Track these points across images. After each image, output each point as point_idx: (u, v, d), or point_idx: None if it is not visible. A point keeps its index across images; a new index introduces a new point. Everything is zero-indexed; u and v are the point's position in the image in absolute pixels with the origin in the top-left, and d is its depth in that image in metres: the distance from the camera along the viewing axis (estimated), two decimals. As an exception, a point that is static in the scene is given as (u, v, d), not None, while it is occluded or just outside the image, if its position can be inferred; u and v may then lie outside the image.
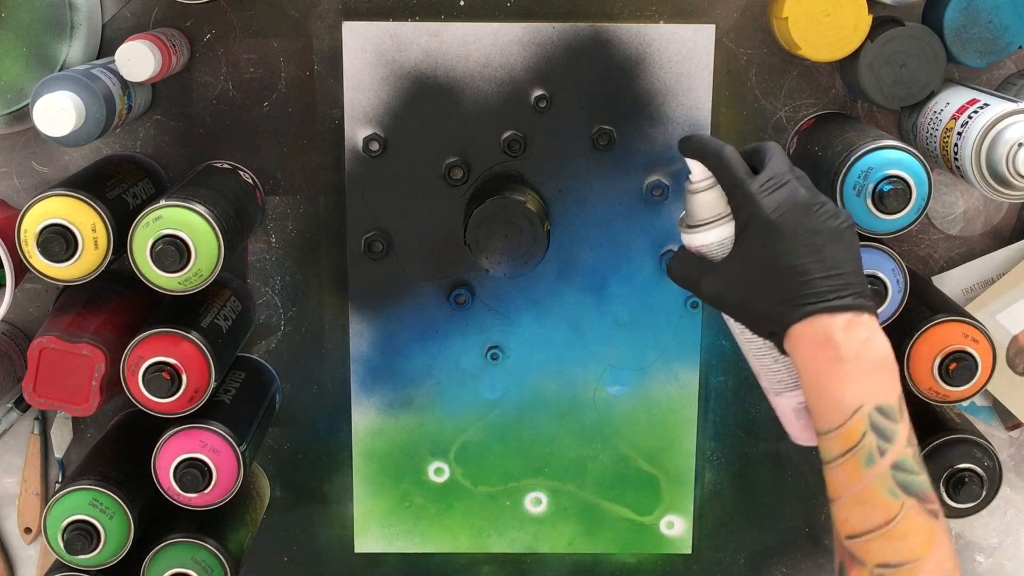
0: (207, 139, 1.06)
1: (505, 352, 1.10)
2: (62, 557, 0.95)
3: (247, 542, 1.04)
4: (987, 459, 0.98)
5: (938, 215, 1.09)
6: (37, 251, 0.89)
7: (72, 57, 1.00)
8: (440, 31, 1.03)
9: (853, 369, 0.75)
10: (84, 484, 0.95)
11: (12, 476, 1.13)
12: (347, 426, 1.12)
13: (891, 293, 0.94)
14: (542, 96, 1.04)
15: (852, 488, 0.74)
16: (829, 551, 1.16)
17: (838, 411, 0.75)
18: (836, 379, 0.75)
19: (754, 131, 1.06)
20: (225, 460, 0.95)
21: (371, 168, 1.06)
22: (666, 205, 1.07)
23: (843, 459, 0.74)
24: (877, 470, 0.73)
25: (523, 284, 1.09)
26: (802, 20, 0.97)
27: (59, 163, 1.06)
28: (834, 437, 0.75)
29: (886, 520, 0.73)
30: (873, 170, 0.91)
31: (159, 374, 0.92)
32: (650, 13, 1.03)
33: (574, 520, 1.15)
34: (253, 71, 1.05)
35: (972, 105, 0.93)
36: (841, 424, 0.75)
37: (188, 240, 0.89)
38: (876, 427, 0.74)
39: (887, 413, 0.75)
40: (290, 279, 1.09)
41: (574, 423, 1.12)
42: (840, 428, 0.75)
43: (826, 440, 0.76)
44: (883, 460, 0.73)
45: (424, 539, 1.15)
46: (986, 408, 1.12)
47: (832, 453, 0.75)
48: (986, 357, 0.95)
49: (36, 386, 0.94)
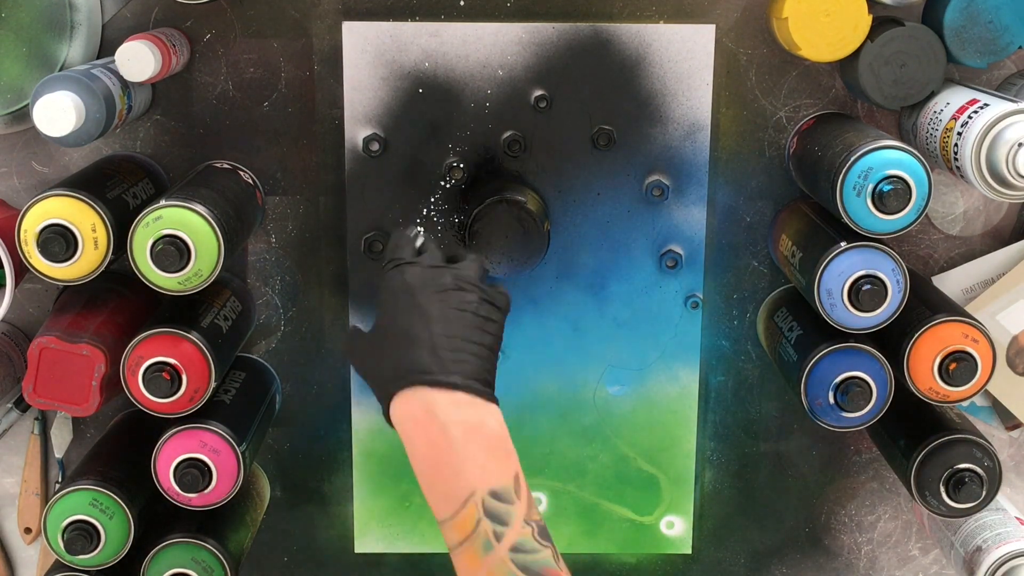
0: (207, 139, 1.06)
1: (505, 352, 1.10)
2: (62, 557, 0.95)
3: (247, 542, 1.04)
4: (987, 459, 0.98)
5: (938, 215, 1.09)
6: (37, 251, 0.89)
7: (72, 57, 1.00)
8: (440, 31, 1.03)
9: (462, 454, 0.73)
10: (84, 484, 0.94)
11: (12, 476, 1.13)
12: (347, 426, 1.12)
13: (891, 293, 0.94)
14: (542, 96, 1.04)
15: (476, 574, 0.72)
16: (829, 551, 1.16)
17: (449, 500, 0.73)
18: (445, 466, 0.74)
19: (754, 131, 1.06)
20: (225, 460, 0.95)
21: (371, 168, 1.06)
22: (666, 205, 1.07)
23: (461, 547, 0.72)
24: (496, 555, 0.71)
25: (523, 284, 1.09)
26: (802, 20, 0.97)
27: (59, 163, 1.06)
28: (449, 526, 0.73)
29: None
30: (873, 170, 0.91)
31: (159, 374, 0.92)
32: (650, 13, 1.03)
33: (574, 520, 1.14)
34: (253, 71, 1.05)
35: (972, 105, 0.93)
36: (454, 514, 0.73)
37: (188, 240, 0.89)
38: (490, 513, 0.72)
39: (501, 496, 0.73)
40: (290, 279, 1.09)
41: (574, 423, 1.12)
42: (454, 518, 0.73)
43: (444, 528, 0.74)
44: (500, 545, 0.72)
45: (424, 539, 1.15)
46: (986, 408, 1.12)
47: (452, 541, 0.73)
48: (986, 357, 0.95)
49: (36, 386, 0.94)
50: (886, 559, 1.16)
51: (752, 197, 1.08)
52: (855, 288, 0.93)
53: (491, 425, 0.75)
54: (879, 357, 0.96)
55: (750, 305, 1.10)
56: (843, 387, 0.96)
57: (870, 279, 0.93)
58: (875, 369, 0.96)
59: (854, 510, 1.16)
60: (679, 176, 1.07)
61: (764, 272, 1.10)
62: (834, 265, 0.94)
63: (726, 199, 1.08)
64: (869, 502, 1.15)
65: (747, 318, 1.11)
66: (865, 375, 0.96)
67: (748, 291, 1.10)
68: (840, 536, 1.16)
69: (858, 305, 0.94)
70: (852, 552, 1.16)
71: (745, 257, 1.10)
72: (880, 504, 1.15)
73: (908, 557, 1.17)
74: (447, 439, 0.74)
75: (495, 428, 0.75)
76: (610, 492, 1.14)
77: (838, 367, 0.96)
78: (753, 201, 1.08)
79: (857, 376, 0.96)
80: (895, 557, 1.16)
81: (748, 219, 1.09)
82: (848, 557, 1.17)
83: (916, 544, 1.16)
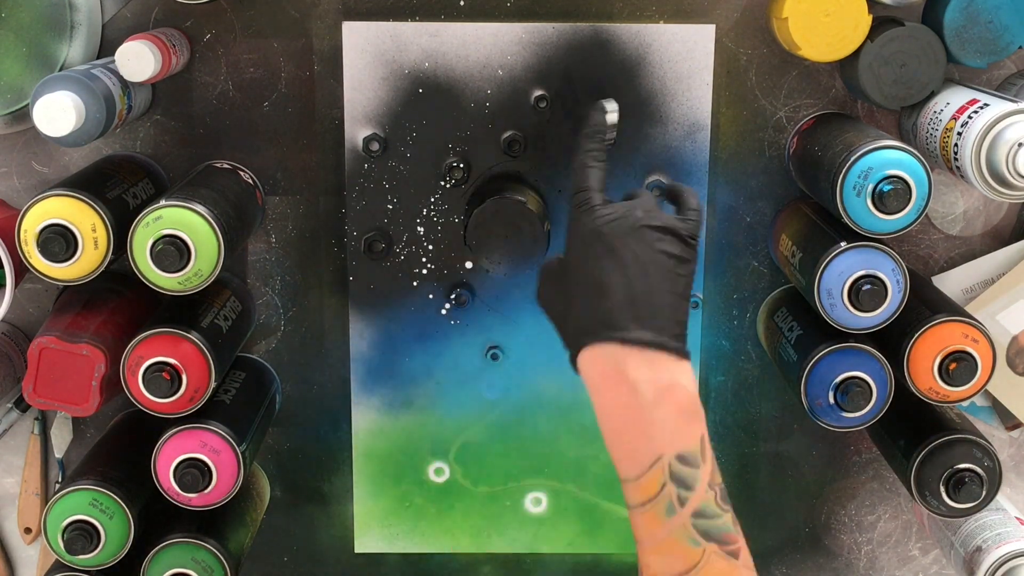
0: (207, 139, 1.06)
1: (505, 352, 1.10)
2: (62, 557, 0.95)
3: (247, 542, 1.04)
4: (987, 459, 0.98)
5: (938, 215, 1.09)
6: (37, 251, 0.89)
7: (72, 57, 1.00)
8: (440, 31, 1.03)
9: (651, 418, 0.72)
10: (84, 484, 0.95)
11: (12, 476, 1.13)
12: (347, 426, 1.12)
13: (891, 293, 0.94)
14: (542, 96, 1.04)
15: (654, 536, 0.71)
16: (829, 551, 1.16)
17: (636, 461, 0.72)
18: (634, 426, 0.72)
19: (754, 131, 1.06)
20: (225, 460, 0.95)
21: (371, 168, 1.06)
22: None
23: (643, 508, 0.72)
24: (678, 520, 0.71)
25: (523, 284, 1.09)
26: (802, 20, 0.97)
27: (59, 163, 1.06)
28: (633, 487, 0.72)
29: (687, 568, 0.71)
30: (873, 170, 0.91)
31: (159, 374, 0.92)
32: (650, 13, 1.03)
33: (574, 520, 1.14)
34: (253, 71, 1.05)
35: (972, 105, 0.93)
36: (639, 475, 0.72)
37: (188, 240, 0.89)
38: (676, 477, 0.71)
39: (688, 460, 0.71)
40: (290, 279, 1.09)
41: (574, 423, 1.12)
42: (639, 479, 0.72)
43: (627, 487, 0.73)
44: (683, 510, 0.71)
45: (424, 539, 1.15)
46: (986, 408, 1.12)
47: (633, 500, 0.73)
48: (986, 357, 0.95)
49: (36, 386, 0.94)
50: (886, 559, 1.16)
51: (752, 197, 1.08)
52: (855, 288, 0.93)
53: (683, 384, 0.73)
54: (879, 357, 0.96)
55: (750, 305, 1.10)
56: (843, 387, 0.96)
57: (870, 279, 0.93)
58: (875, 369, 0.96)
59: (854, 510, 1.16)
60: (679, 176, 1.06)
61: (764, 272, 1.10)
62: (834, 265, 0.94)
63: (726, 199, 1.08)
64: (869, 502, 1.15)
65: (747, 318, 1.11)
66: (865, 375, 0.96)
67: (748, 291, 1.10)
68: (840, 536, 1.16)
69: (858, 305, 0.94)
70: (852, 552, 1.16)
71: (745, 257, 1.10)
72: (880, 504, 1.15)
73: (908, 557, 1.17)
74: (637, 399, 0.72)
75: (687, 387, 0.73)
76: (610, 492, 1.14)
77: (838, 367, 0.96)
78: (753, 201, 1.08)
79: (857, 376, 0.96)
80: (895, 557, 1.16)
81: (748, 219, 1.09)
82: (848, 557, 1.17)
83: (916, 544, 1.16)
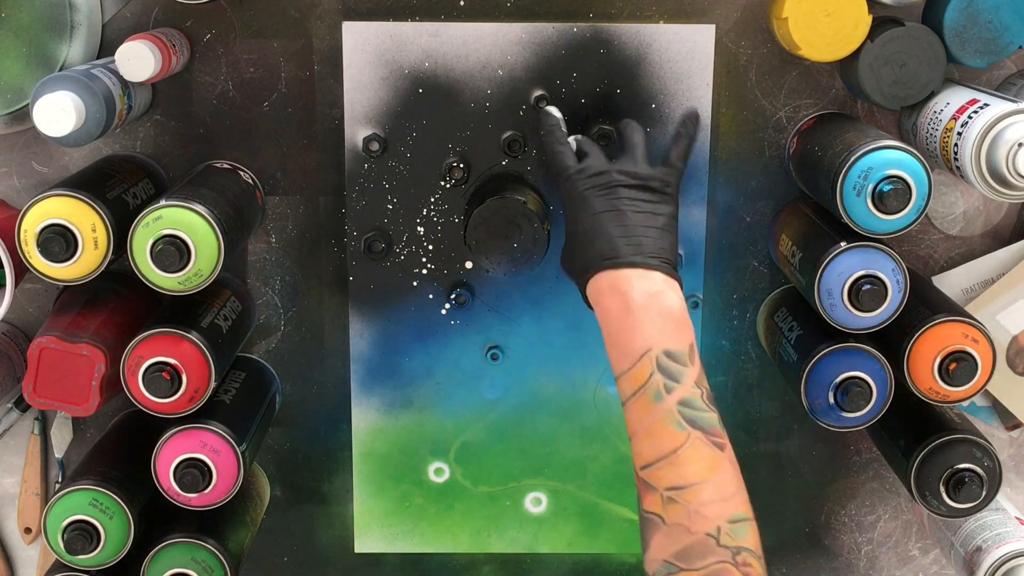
0: (207, 139, 1.06)
1: (505, 352, 1.10)
2: (62, 557, 0.95)
3: (247, 542, 1.04)
4: (987, 459, 0.98)
5: (938, 215, 1.09)
6: (37, 251, 0.89)
7: (72, 57, 1.00)
8: (440, 31, 1.03)
9: (641, 317, 0.82)
10: (84, 484, 0.95)
11: (12, 476, 1.13)
12: (347, 426, 1.12)
13: (891, 293, 0.94)
14: (542, 96, 1.04)
15: (643, 422, 0.80)
16: (829, 551, 1.16)
17: (628, 354, 0.82)
18: (626, 326, 0.82)
19: (754, 131, 1.06)
20: (225, 460, 0.95)
21: (371, 168, 1.06)
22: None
23: (634, 397, 0.80)
24: (665, 405, 0.79)
25: (523, 284, 1.09)
26: (802, 20, 0.97)
27: (59, 163, 1.06)
28: (626, 379, 0.81)
29: (672, 449, 0.78)
30: (873, 170, 0.91)
31: (159, 374, 0.92)
32: (650, 13, 1.03)
33: (574, 520, 1.15)
34: (253, 71, 1.05)
35: (972, 105, 0.93)
36: (631, 367, 0.81)
37: (188, 240, 0.89)
38: (663, 368, 0.80)
39: (675, 357, 0.81)
40: (290, 279, 1.09)
41: (574, 423, 1.12)
42: (630, 370, 0.81)
43: (620, 382, 0.82)
44: (670, 397, 0.79)
45: (424, 539, 1.15)
46: (986, 408, 1.12)
47: (625, 393, 0.81)
48: (986, 357, 0.95)
49: (36, 386, 0.94)
50: (886, 559, 1.16)
51: (752, 197, 1.08)
52: (855, 288, 0.93)
53: (670, 296, 0.84)
54: (879, 357, 0.96)
55: (750, 305, 1.10)
56: (843, 387, 0.96)
57: (870, 279, 0.93)
58: (875, 369, 0.96)
59: (854, 510, 1.16)
60: (679, 176, 1.06)
61: (764, 272, 1.10)
62: (834, 265, 0.94)
63: (726, 199, 1.08)
64: (869, 502, 1.15)
65: (747, 318, 1.11)
66: (865, 375, 0.96)
67: (748, 291, 1.10)
68: (840, 536, 1.16)
69: (858, 305, 0.94)
70: (852, 552, 1.16)
71: (745, 257, 1.10)
72: (880, 504, 1.15)
73: (908, 557, 1.17)
74: (628, 304, 0.83)
75: (674, 299, 0.84)
76: (610, 492, 1.14)
77: (838, 367, 0.96)
78: (753, 201, 1.08)
79: (857, 376, 0.96)
80: (895, 557, 1.17)
81: (748, 219, 1.09)
82: (848, 557, 1.17)
83: (916, 544, 1.16)
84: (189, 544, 0.97)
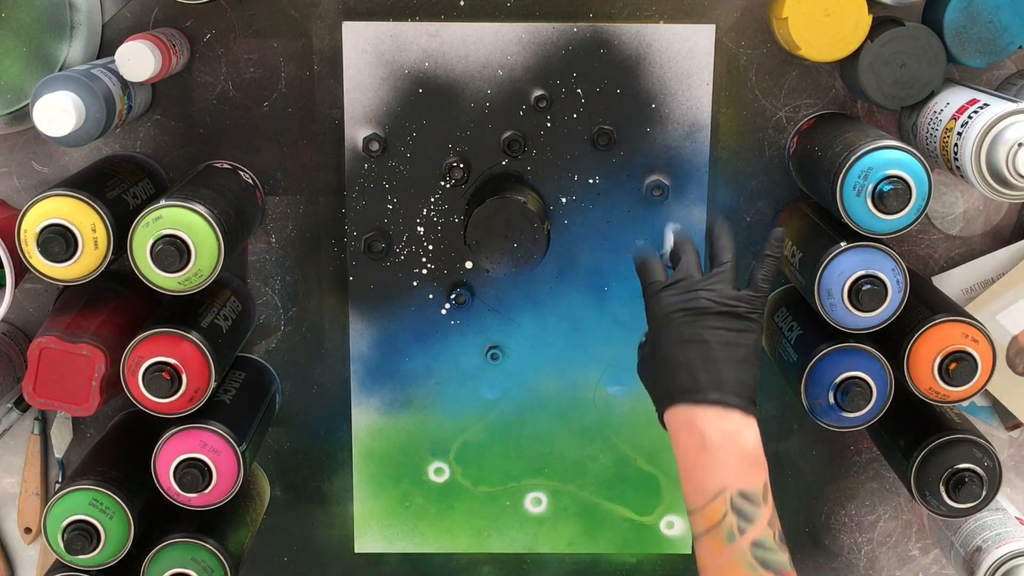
0: (207, 139, 1.06)
1: (505, 352, 1.10)
2: (62, 557, 0.95)
3: (247, 542, 1.04)
4: (987, 459, 0.98)
5: (938, 215, 1.09)
6: (37, 251, 0.89)
7: (72, 57, 1.00)
8: (440, 31, 1.03)
9: (717, 456, 0.82)
10: (84, 484, 0.94)
11: (12, 476, 1.13)
12: (347, 426, 1.12)
13: (891, 293, 0.94)
14: (542, 96, 1.04)
15: (716, 560, 0.80)
16: (829, 551, 1.16)
17: (702, 492, 0.82)
18: (701, 463, 0.82)
19: (754, 131, 1.06)
20: (225, 460, 0.95)
21: (371, 168, 1.06)
22: (666, 205, 1.07)
23: (707, 535, 0.81)
24: (738, 546, 0.80)
25: (523, 284, 1.09)
26: (802, 20, 0.97)
27: (59, 163, 1.06)
28: (699, 515, 0.82)
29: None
30: (873, 170, 0.91)
31: (159, 374, 0.92)
32: (650, 13, 1.03)
33: (574, 520, 1.14)
34: (253, 71, 1.05)
35: (972, 105, 0.93)
36: (705, 504, 0.81)
37: (188, 240, 0.89)
38: (737, 509, 0.81)
39: (749, 498, 0.81)
40: (290, 279, 1.09)
41: (574, 423, 1.12)
42: (704, 508, 0.81)
43: (693, 517, 0.82)
44: (743, 538, 0.80)
45: (424, 539, 1.15)
46: (986, 408, 1.12)
47: (698, 529, 0.82)
48: (986, 357, 0.95)
49: (36, 386, 0.94)
50: (886, 559, 1.16)
51: (752, 197, 1.08)
52: (855, 288, 0.93)
53: (746, 435, 0.83)
54: (879, 357, 0.96)
55: (750, 305, 1.10)
56: (843, 387, 0.96)
57: (870, 279, 0.93)
58: (875, 369, 0.96)
59: (854, 510, 1.16)
60: (679, 176, 1.06)
61: (764, 272, 1.10)
62: (834, 265, 0.94)
63: (726, 199, 1.08)
64: (869, 502, 1.15)
65: (747, 318, 1.11)
66: (865, 375, 0.96)
67: (748, 291, 1.10)
68: (840, 536, 1.16)
69: (858, 305, 0.94)
70: (852, 552, 1.16)
71: (745, 257, 1.09)
72: (880, 504, 1.15)
73: (908, 557, 1.17)
74: (704, 443, 0.83)
75: (750, 438, 0.83)
76: (610, 492, 1.14)
77: (838, 367, 0.96)
78: (753, 201, 1.08)
79: (857, 376, 0.96)
80: (895, 557, 1.17)
81: (748, 219, 1.09)
82: (848, 557, 1.17)
83: (916, 544, 1.16)
84: (189, 544, 0.97)
